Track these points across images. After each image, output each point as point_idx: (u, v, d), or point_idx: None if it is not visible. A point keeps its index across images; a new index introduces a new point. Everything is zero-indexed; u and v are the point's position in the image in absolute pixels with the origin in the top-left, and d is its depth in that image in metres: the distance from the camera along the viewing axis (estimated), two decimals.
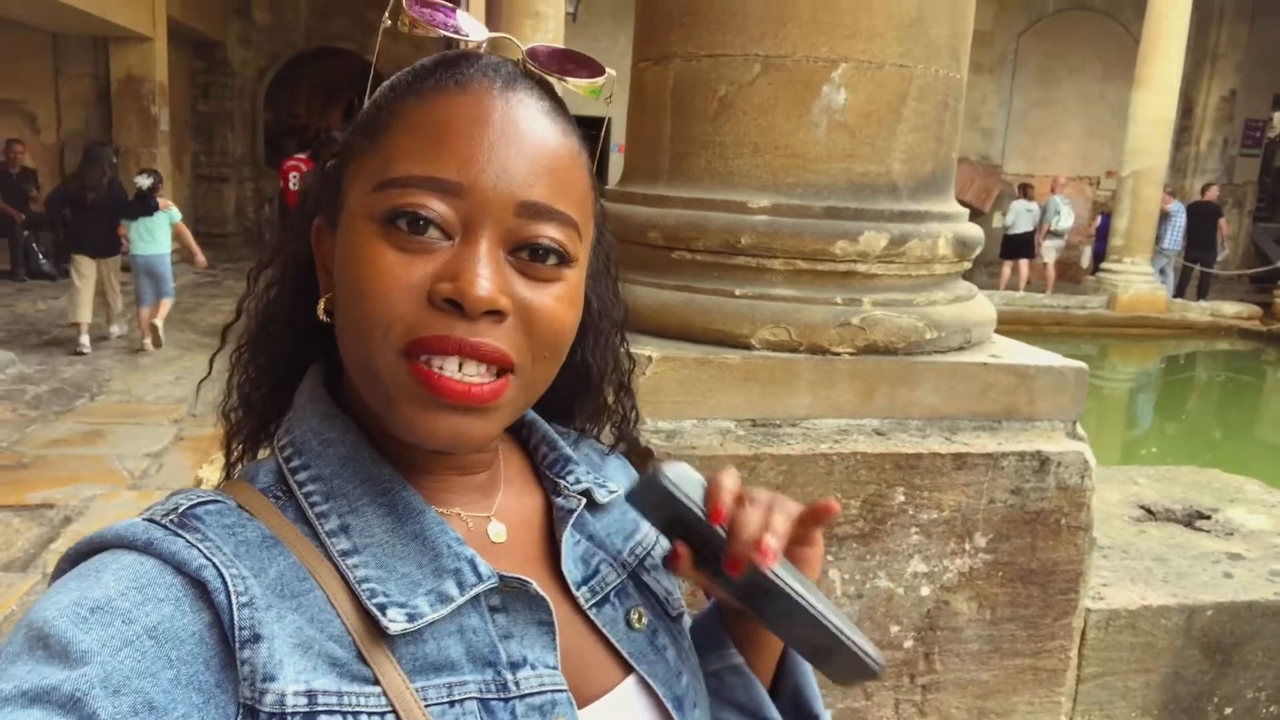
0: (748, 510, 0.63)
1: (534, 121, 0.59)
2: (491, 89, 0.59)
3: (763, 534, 0.62)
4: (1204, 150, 16.42)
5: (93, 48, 11.71)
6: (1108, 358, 11.55)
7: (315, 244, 0.66)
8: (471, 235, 0.57)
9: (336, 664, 0.55)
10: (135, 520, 0.56)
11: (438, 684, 0.57)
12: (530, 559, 0.67)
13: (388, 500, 0.61)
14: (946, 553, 1.55)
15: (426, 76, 0.60)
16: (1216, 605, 1.79)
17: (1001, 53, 16.04)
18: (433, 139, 0.57)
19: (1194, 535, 2.16)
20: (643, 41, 1.75)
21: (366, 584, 0.57)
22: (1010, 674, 1.63)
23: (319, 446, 0.62)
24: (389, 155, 0.58)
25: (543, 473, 0.73)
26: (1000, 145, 16.47)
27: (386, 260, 0.56)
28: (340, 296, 0.60)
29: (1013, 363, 1.64)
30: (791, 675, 0.78)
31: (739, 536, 0.62)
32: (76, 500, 4.29)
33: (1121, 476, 2.61)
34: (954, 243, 1.66)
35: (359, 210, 0.59)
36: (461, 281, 0.55)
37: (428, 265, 0.56)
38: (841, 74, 1.54)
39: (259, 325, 0.70)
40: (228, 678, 0.52)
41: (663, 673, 0.68)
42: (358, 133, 0.62)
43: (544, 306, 0.59)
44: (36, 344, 7.49)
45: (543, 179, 0.59)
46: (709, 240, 1.59)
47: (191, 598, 0.53)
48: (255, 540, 0.57)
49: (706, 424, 1.52)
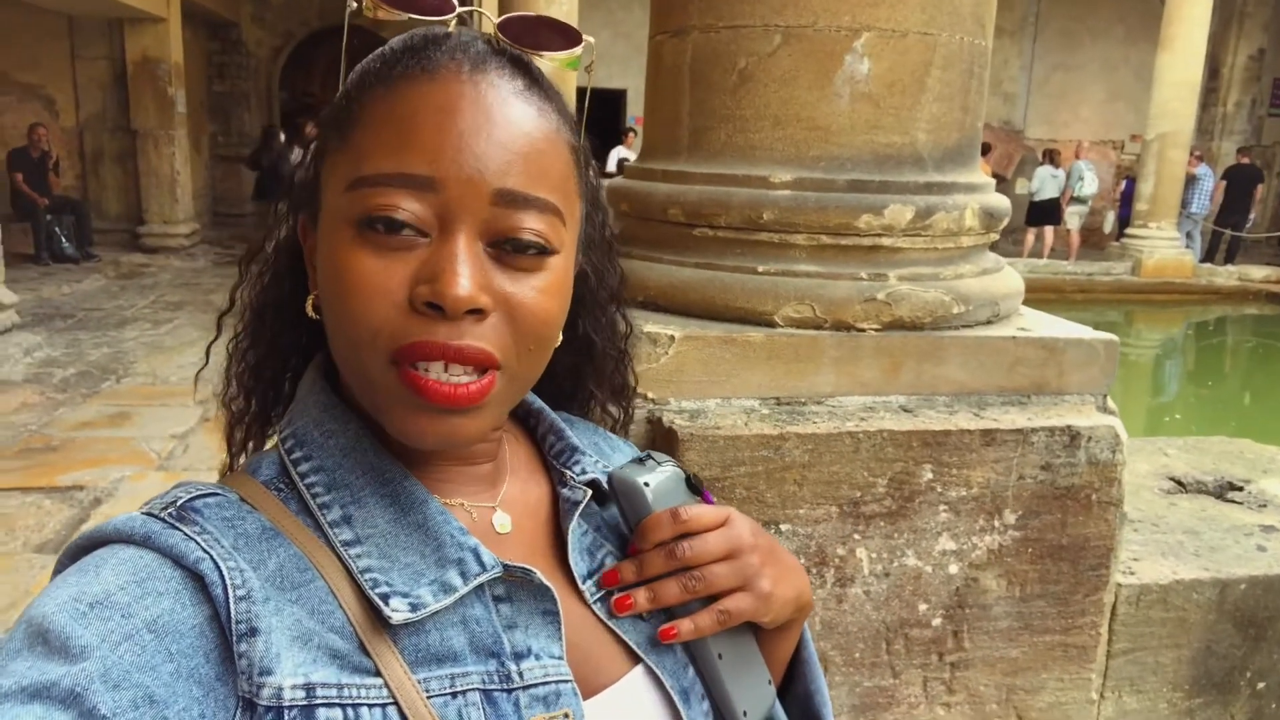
0: (667, 582, 0.67)
1: (506, 105, 0.57)
2: (460, 74, 0.57)
3: None
4: (1231, 111, 16.11)
5: (108, 30, 11.71)
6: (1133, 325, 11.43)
7: (301, 239, 0.65)
8: (448, 231, 0.55)
9: (337, 655, 0.54)
10: (134, 514, 0.56)
11: (440, 675, 0.56)
12: (536, 550, 0.67)
13: (390, 491, 0.60)
14: (975, 530, 1.53)
15: (394, 63, 0.59)
16: (1250, 579, 1.76)
17: (1023, 16, 15.77)
18: (401, 133, 0.56)
19: (1226, 507, 2.12)
20: (660, 14, 1.71)
21: (369, 574, 0.57)
22: (1040, 651, 1.62)
23: (320, 438, 0.62)
24: (359, 152, 0.57)
25: (550, 462, 0.72)
26: (1022, 110, 16.24)
27: (366, 267, 0.55)
28: (325, 299, 0.59)
29: (1042, 336, 1.61)
30: (803, 680, 0.77)
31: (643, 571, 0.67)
32: (105, 482, 4.34)
33: (1151, 448, 2.57)
34: (981, 214, 1.63)
35: (335, 212, 0.58)
36: (440, 283, 0.54)
37: (407, 266, 0.55)
38: (864, 43, 1.50)
39: (254, 314, 0.69)
40: (228, 671, 0.52)
41: (670, 664, 0.67)
42: (330, 126, 0.61)
43: (526, 299, 0.57)
44: (62, 328, 7.56)
45: (518, 165, 0.57)
46: (730, 216, 1.56)
47: (191, 591, 0.52)
48: (255, 532, 0.57)
49: (730, 403, 1.51)
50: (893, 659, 1.56)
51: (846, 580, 1.51)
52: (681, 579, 0.66)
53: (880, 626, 1.54)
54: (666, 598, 0.66)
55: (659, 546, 0.66)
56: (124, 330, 7.49)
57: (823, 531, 1.47)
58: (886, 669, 1.56)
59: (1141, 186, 12.19)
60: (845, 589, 1.51)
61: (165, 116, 11.73)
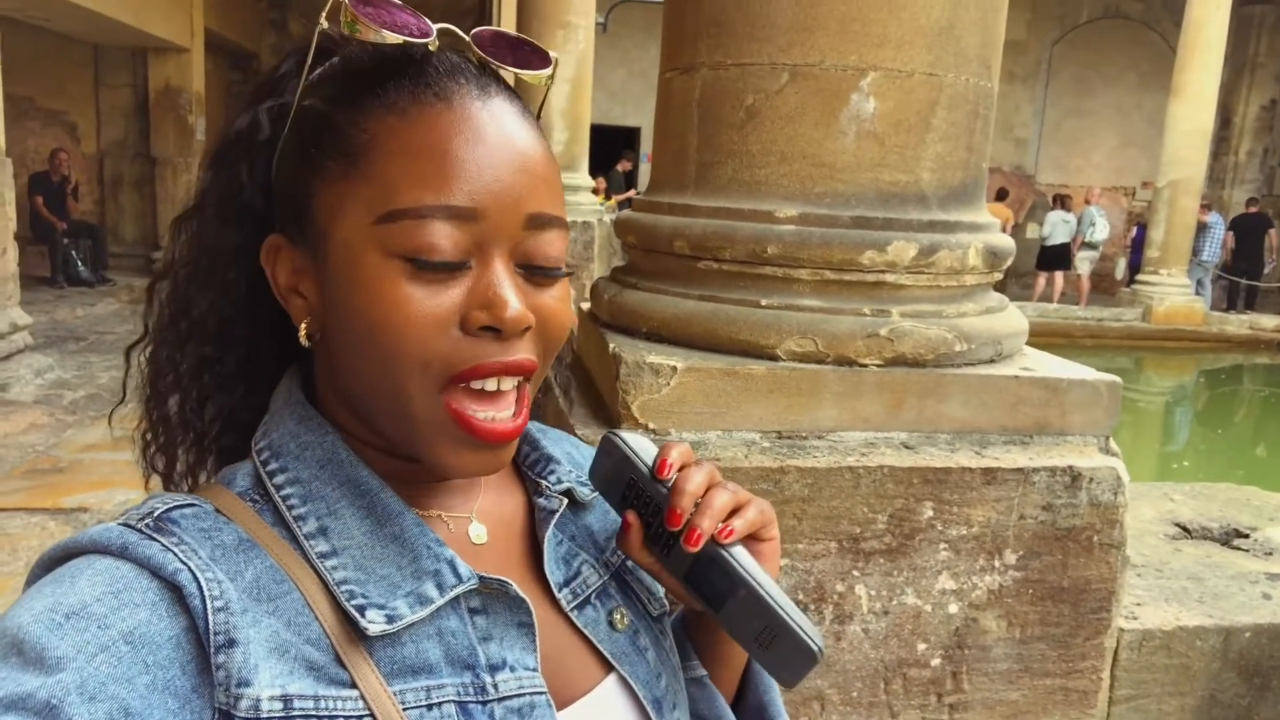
0: (691, 470, 0.65)
1: (519, 131, 0.59)
2: (470, 99, 0.58)
3: (703, 497, 0.64)
4: (1243, 160, 16.16)
5: (131, 59, 11.92)
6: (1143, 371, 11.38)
7: (269, 262, 0.63)
8: (487, 256, 0.58)
9: (314, 667, 0.54)
10: (110, 525, 0.56)
11: (416, 687, 0.56)
12: (512, 560, 0.67)
13: (366, 503, 0.61)
14: (975, 569, 1.52)
15: (385, 82, 0.59)
16: (1255, 627, 1.74)
17: (1035, 62, 15.90)
18: (435, 163, 0.56)
19: (1231, 554, 2.11)
20: (670, 52, 1.74)
21: (345, 585, 0.57)
22: (1040, 694, 1.60)
23: (296, 449, 0.62)
24: (385, 183, 0.57)
25: (524, 472, 0.73)
26: (1034, 155, 16.33)
27: (414, 298, 0.56)
28: (351, 330, 0.58)
29: (1044, 376, 1.61)
30: (755, 691, 0.78)
31: (682, 489, 0.63)
32: (110, 505, 4.34)
33: (1156, 493, 2.55)
34: (984, 253, 1.63)
35: (363, 243, 0.57)
36: (496, 308, 0.56)
37: (451, 294, 0.57)
38: (870, 82, 1.52)
39: (185, 334, 0.68)
40: (204, 682, 0.51)
41: (643, 674, 0.68)
42: (319, 150, 0.60)
43: (552, 310, 0.61)
44: (74, 350, 7.61)
45: (541, 188, 0.59)
46: (736, 250, 1.57)
47: (168, 602, 0.52)
48: (232, 543, 0.57)
49: (732, 435, 1.51)
50: (890, 699, 1.54)
51: (845, 617, 1.50)
52: (715, 488, 0.65)
53: (879, 665, 1.52)
54: (717, 501, 0.64)
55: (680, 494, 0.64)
56: (135, 355, 7.53)
57: (821, 567, 1.47)
58: (885, 709, 1.55)
59: (1152, 233, 12.20)
60: (844, 626, 1.50)
61: (185, 144, 11.88)
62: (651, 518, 0.65)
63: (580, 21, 8.12)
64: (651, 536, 0.66)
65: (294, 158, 0.62)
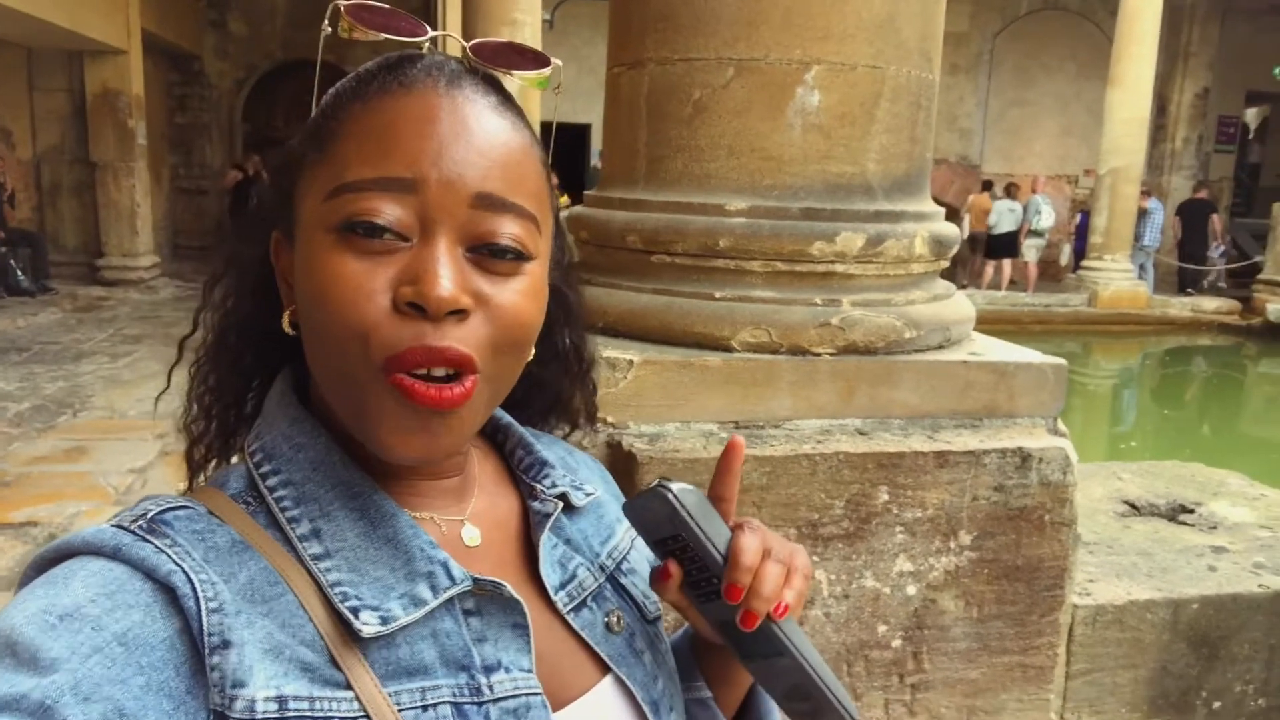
0: (746, 539, 0.63)
1: (482, 116, 0.59)
2: (436, 88, 0.59)
3: (757, 570, 0.62)
4: (1179, 147, 16.57)
5: (67, 62, 11.62)
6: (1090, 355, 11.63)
7: (274, 257, 0.65)
8: (429, 234, 0.56)
9: (308, 669, 0.54)
10: (103, 526, 0.55)
11: (410, 688, 0.56)
12: (506, 563, 0.67)
13: (359, 504, 0.61)
14: (932, 551, 1.55)
15: (370, 81, 0.60)
16: (1202, 599, 1.79)
17: (977, 53, 16.14)
18: (381, 141, 0.57)
19: (1178, 529, 2.17)
20: (617, 47, 1.75)
21: (339, 587, 0.57)
22: (999, 672, 1.63)
23: (289, 451, 0.62)
24: (339, 163, 0.58)
25: (518, 477, 0.73)
26: (979, 146, 16.57)
27: (348, 269, 0.56)
28: (305, 309, 0.59)
29: (992, 360, 1.64)
30: (757, 711, 0.78)
31: (739, 564, 0.62)
32: (61, 518, 4.23)
33: (1105, 472, 2.61)
34: (930, 242, 1.66)
35: (314, 221, 0.58)
36: (423, 284, 0.55)
37: (389, 269, 0.56)
38: (814, 76, 1.54)
39: (217, 337, 0.69)
40: (198, 684, 0.51)
41: (641, 676, 0.68)
42: (306, 143, 0.62)
43: (506, 301, 0.58)
44: (17, 361, 7.41)
45: (496, 171, 0.58)
46: (688, 243, 1.59)
47: (162, 604, 0.52)
48: (225, 545, 0.56)
49: (689, 427, 1.52)
50: (854, 681, 1.57)
51: (806, 602, 1.52)
52: (793, 572, 0.65)
53: (840, 648, 1.55)
54: (795, 585, 0.65)
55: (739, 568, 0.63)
56: (81, 364, 7.36)
57: None
58: (848, 691, 1.57)
59: (1095, 220, 12.47)
60: (806, 610, 1.52)
61: (126, 148, 11.62)
62: (693, 568, 0.64)
63: (526, 19, 8.08)
64: (689, 584, 0.65)
65: (289, 154, 0.64)
